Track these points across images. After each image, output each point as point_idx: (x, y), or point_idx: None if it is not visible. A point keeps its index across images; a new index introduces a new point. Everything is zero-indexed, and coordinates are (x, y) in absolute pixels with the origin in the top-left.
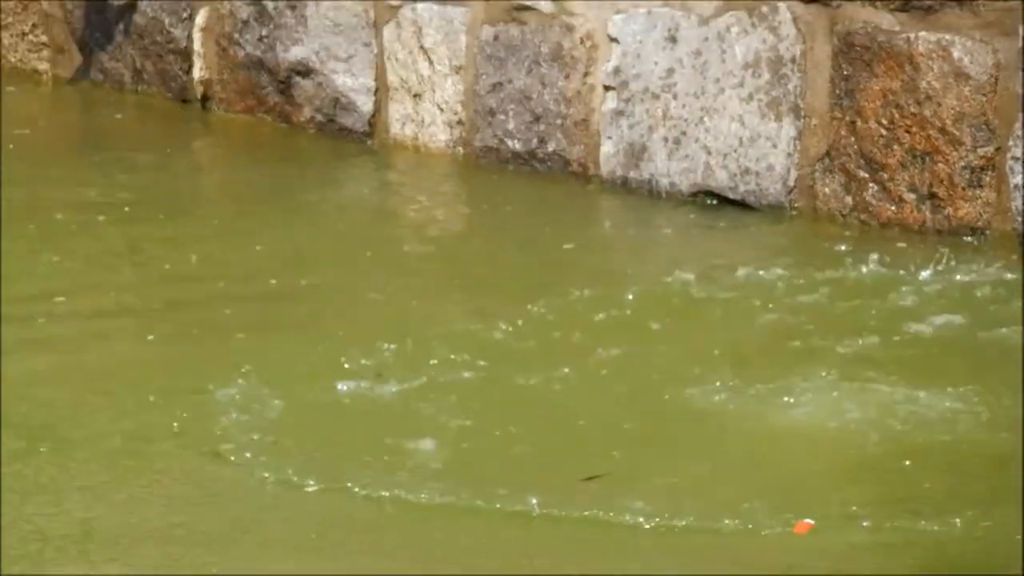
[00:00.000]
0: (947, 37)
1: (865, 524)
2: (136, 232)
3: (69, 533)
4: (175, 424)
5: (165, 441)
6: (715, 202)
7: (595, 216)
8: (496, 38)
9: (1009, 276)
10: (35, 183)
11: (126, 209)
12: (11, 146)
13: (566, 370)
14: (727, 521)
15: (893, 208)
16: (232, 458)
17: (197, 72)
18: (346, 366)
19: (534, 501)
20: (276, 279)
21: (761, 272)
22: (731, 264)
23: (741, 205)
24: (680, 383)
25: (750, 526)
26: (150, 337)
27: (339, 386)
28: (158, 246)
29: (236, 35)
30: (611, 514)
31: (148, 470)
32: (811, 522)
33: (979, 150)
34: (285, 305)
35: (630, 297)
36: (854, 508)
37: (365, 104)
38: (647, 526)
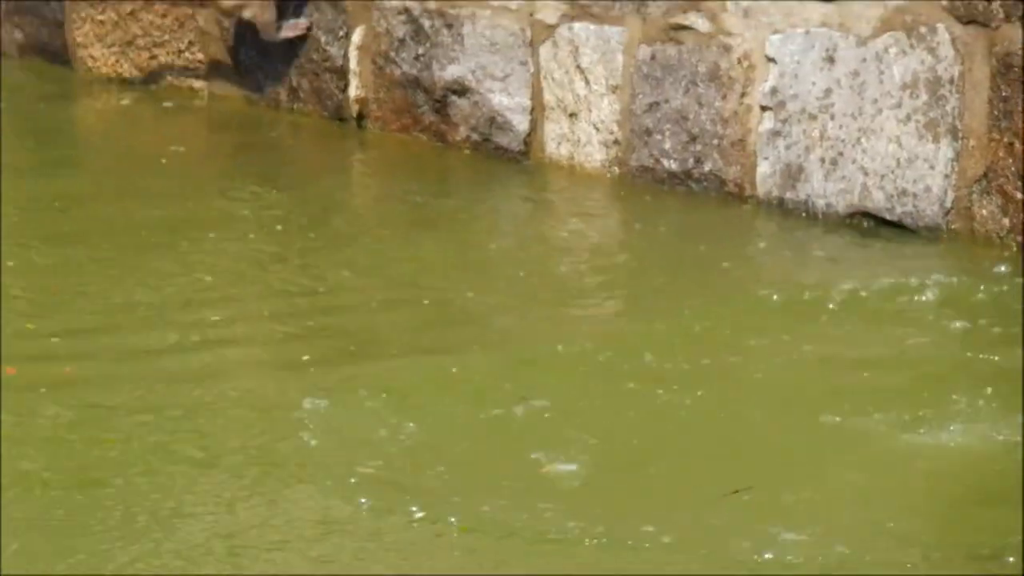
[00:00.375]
0: None
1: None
2: (286, 249)
3: (207, 543)
4: (313, 442)
5: (300, 460)
6: (871, 223)
7: (750, 236)
8: (653, 57)
9: None
10: (188, 200)
11: (278, 227)
12: (164, 161)
13: (715, 388)
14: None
15: None
16: (369, 483)
17: (353, 91)
18: (492, 386)
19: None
20: (427, 299)
21: (916, 295)
22: (886, 285)
23: (897, 226)
24: (830, 403)
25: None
26: (305, 357)
27: (483, 407)
28: (308, 263)
29: (392, 54)
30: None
31: (282, 488)
32: None
33: None
34: (434, 325)
35: (782, 317)
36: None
37: (521, 123)
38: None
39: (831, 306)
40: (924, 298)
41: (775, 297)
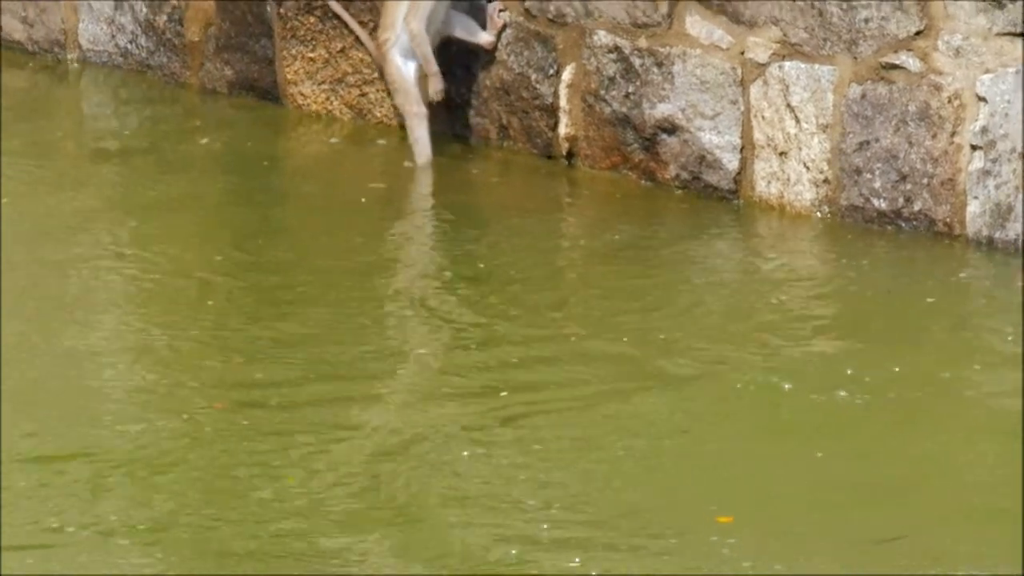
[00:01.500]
0: None
1: None
2: (489, 295)
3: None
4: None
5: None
6: None
7: (959, 274)
8: (863, 96)
9: None
10: (390, 242)
11: (480, 265)
12: (364, 200)
13: (907, 430)
14: None
15: None
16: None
17: (563, 128)
18: (669, 418)
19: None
20: (627, 336)
21: None
22: None
23: None
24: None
25: None
26: (503, 393)
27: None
28: (513, 307)
29: (602, 92)
30: None
31: None
32: None
33: None
34: (635, 365)
35: (978, 360)
36: None
37: (731, 162)
38: None
39: None
40: None
41: (978, 335)
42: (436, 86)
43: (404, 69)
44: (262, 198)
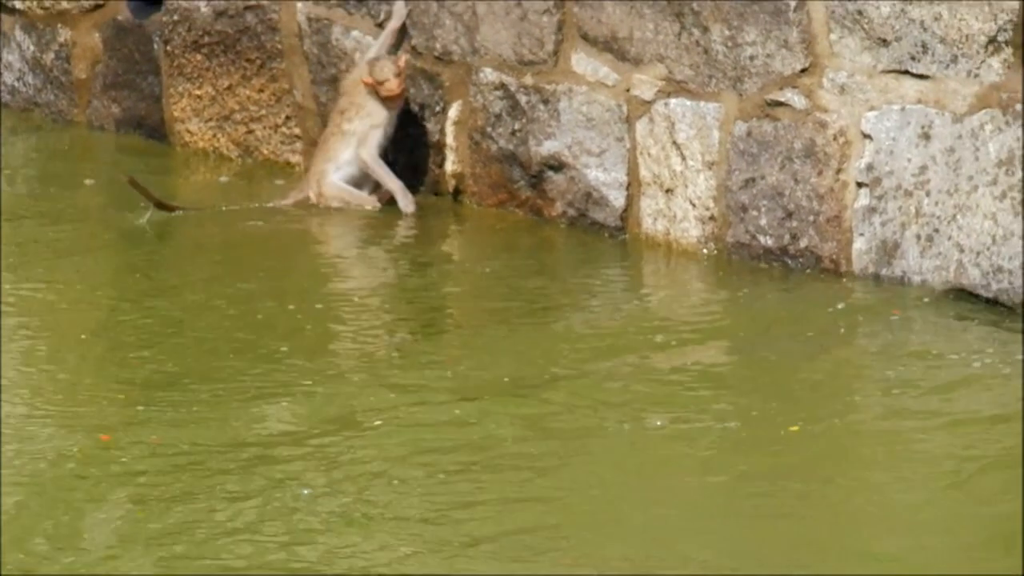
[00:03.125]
0: None
1: None
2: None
3: None
4: None
5: None
6: (968, 300)
7: (846, 312)
8: (749, 134)
9: None
10: (269, 276)
11: (355, 300)
12: (247, 238)
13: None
14: None
15: None
16: None
17: (450, 166)
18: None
19: None
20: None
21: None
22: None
23: (994, 303)
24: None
25: None
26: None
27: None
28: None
29: (489, 129)
30: None
31: None
32: None
33: None
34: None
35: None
36: None
37: (617, 199)
38: None
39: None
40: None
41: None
42: (406, 204)
43: (346, 187)
44: (144, 238)
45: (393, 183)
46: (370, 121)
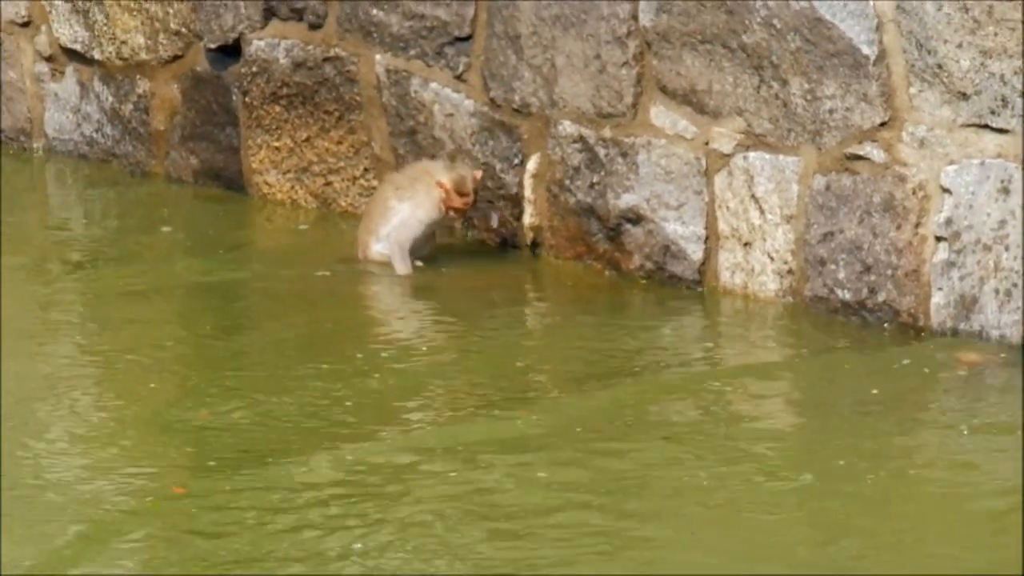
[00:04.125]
0: None
1: None
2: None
3: None
4: None
5: None
6: None
7: (923, 366)
8: (828, 187)
9: None
10: (352, 325)
11: (453, 356)
12: (324, 289)
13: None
14: None
15: None
16: None
17: (527, 218)
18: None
19: None
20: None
21: None
22: None
23: None
24: None
25: None
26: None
27: None
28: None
29: (567, 182)
30: None
31: None
32: None
33: None
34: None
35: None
36: None
37: (695, 252)
38: None
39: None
40: None
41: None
42: (401, 270)
43: (386, 254)
44: (222, 287)
45: (403, 268)
46: (421, 214)
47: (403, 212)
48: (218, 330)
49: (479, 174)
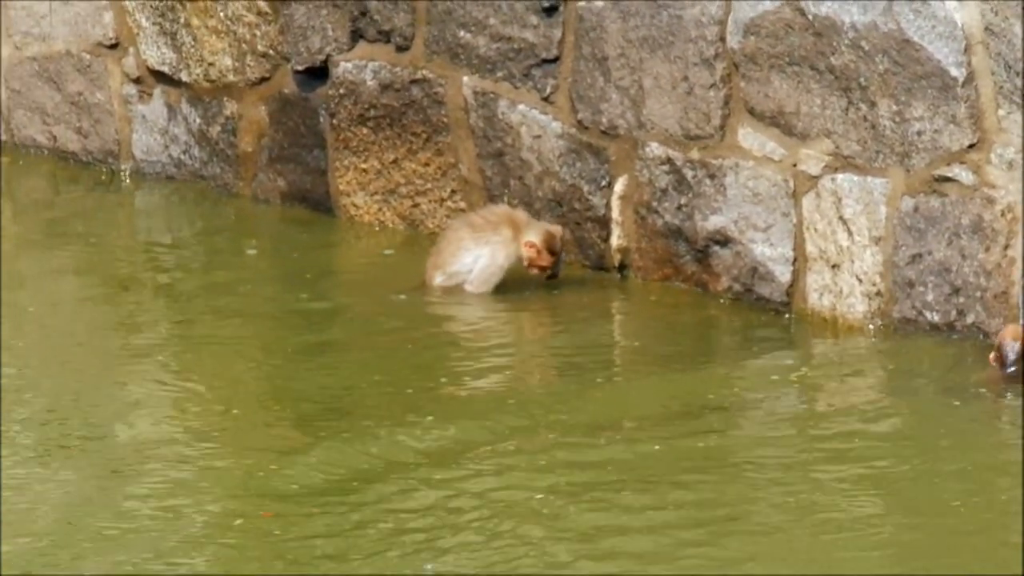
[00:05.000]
0: None
1: None
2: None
3: None
4: None
5: None
6: None
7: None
8: (916, 209)
9: None
10: (437, 349)
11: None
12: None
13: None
14: None
15: None
16: None
17: (615, 240)
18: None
19: None
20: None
21: None
22: None
23: None
24: None
25: None
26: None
27: None
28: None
29: (655, 204)
30: None
31: None
32: None
33: None
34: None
35: None
36: None
37: (783, 275)
38: None
39: None
40: None
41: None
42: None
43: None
44: (308, 310)
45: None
46: (500, 261)
47: (483, 259)
48: (300, 354)
49: (560, 230)
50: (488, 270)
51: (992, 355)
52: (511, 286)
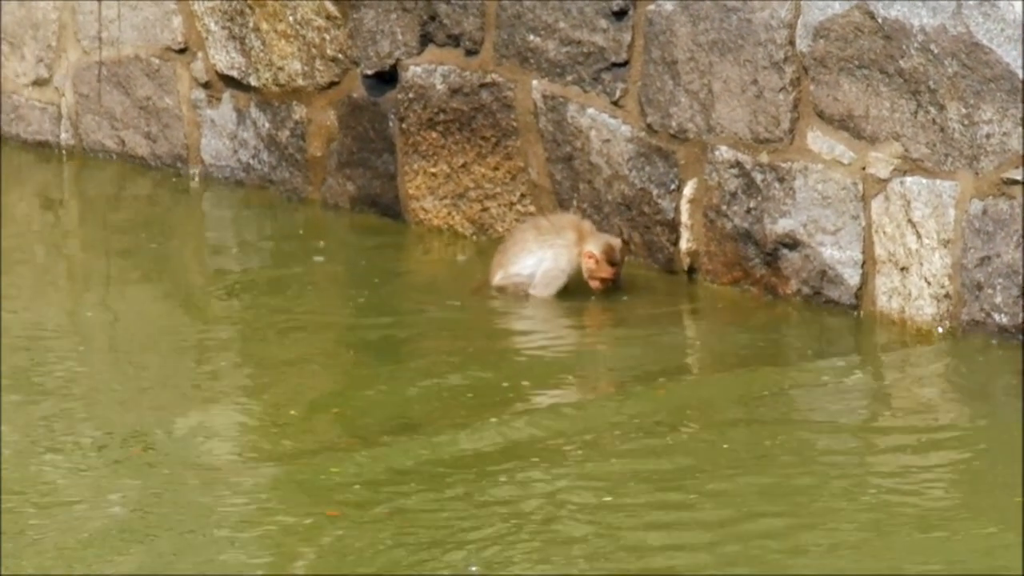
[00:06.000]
0: None
1: None
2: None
3: None
4: None
5: None
6: None
7: None
8: (985, 212)
9: None
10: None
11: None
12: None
13: None
14: None
15: None
16: None
17: (684, 244)
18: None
19: None
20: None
21: None
22: None
23: None
24: None
25: None
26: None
27: None
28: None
29: (724, 207)
30: None
31: None
32: None
33: None
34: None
35: None
36: None
37: (852, 277)
38: None
39: None
40: None
41: None
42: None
43: (507, 284)
44: (380, 318)
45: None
46: (563, 265)
47: (547, 262)
48: (366, 370)
49: (620, 242)
50: (551, 273)
51: None
52: (576, 291)
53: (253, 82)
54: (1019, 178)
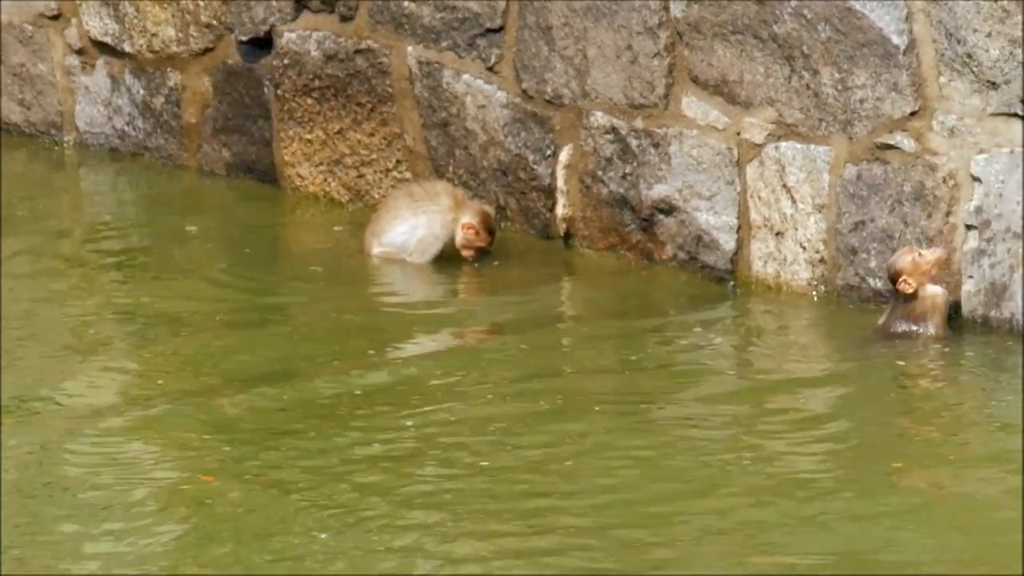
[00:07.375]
0: None
1: None
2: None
3: None
4: None
5: None
6: None
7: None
8: (859, 177)
9: None
10: (385, 323)
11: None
12: (358, 285)
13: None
14: None
15: None
16: None
17: (560, 209)
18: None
19: None
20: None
21: None
22: None
23: None
24: None
25: None
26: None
27: None
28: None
29: (600, 172)
30: None
31: None
32: None
33: None
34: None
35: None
36: None
37: (727, 242)
38: None
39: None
40: None
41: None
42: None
43: (386, 252)
44: (249, 283)
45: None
46: (437, 231)
47: (420, 229)
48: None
49: (492, 209)
50: (426, 240)
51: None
52: (452, 257)
53: (127, 48)
54: (893, 143)
